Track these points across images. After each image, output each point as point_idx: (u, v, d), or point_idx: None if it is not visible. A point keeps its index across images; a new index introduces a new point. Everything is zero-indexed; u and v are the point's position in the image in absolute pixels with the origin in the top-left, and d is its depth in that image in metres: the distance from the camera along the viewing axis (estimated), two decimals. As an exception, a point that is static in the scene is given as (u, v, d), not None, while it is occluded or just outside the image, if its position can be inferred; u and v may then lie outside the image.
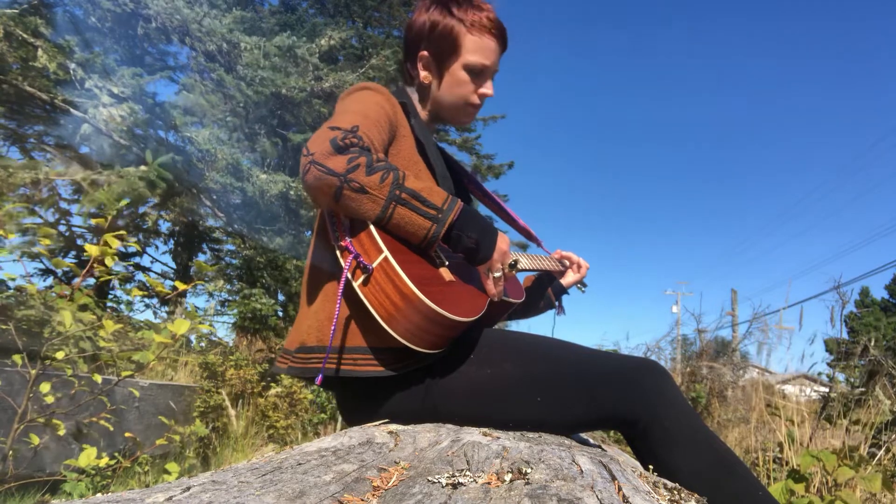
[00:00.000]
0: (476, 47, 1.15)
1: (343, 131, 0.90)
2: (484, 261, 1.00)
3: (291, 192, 7.71)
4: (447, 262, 1.03)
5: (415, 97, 1.23)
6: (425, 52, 1.17)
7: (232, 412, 5.19)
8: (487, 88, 1.20)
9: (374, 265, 0.90)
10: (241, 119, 8.03)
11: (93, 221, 2.08)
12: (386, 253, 0.89)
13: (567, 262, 1.47)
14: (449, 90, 1.18)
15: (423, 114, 1.23)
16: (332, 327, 0.93)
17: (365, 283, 0.91)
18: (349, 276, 0.91)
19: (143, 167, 5.92)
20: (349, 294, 0.95)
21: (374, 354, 0.95)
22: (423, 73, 1.19)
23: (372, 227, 0.92)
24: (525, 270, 1.34)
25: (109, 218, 2.02)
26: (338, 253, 0.94)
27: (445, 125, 1.29)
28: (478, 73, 1.17)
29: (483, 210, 1.50)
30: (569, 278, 1.46)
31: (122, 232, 2.00)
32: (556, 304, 1.46)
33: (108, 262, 1.96)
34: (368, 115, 1.00)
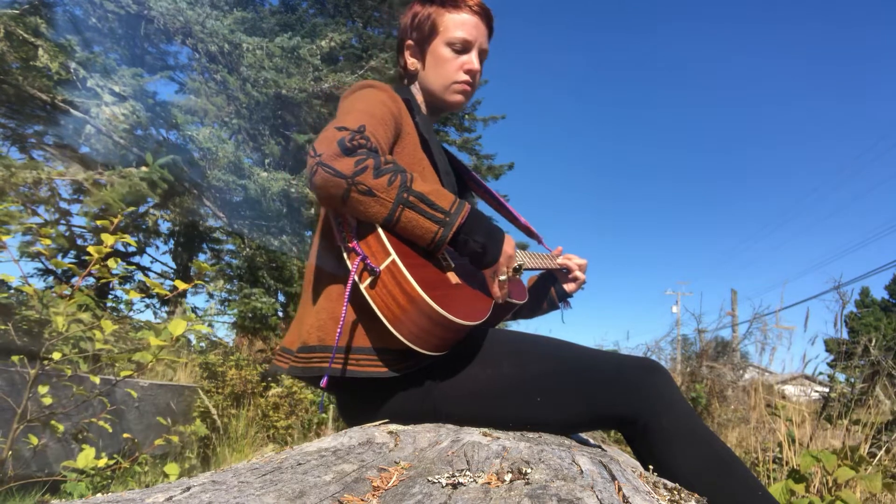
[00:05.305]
0: (453, 23, 1.17)
1: (350, 132, 0.90)
2: (490, 264, 0.99)
3: (292, 190, 7.70)
4: (454, 265, 1.03)
5: (419, 96, 1.23)
6: (410, 41, 1.22)
7: (217, 420, 5.02)
8: (470, 63, 1.19)
9: (382, 267, 0.89)
10: (245, 119, 8.03)
11: (98, 223, 2.07)
12: (394, 255, 0.89)
13: (567, 269, 1.43)
14: (434, 70, 1.19)
15: (423, 108, 1.23)
16: (339, 329, 0.92)
17: (372, 285, 0.90)
18: (356, 278, 0.91)
19: (144, 168, 5.91)
20: (354, 295, 0.94)
21: (377, 355, 0.95)
22: (410, 61, 1.22)
23: (380, 230, 0.91)
24: (530, 270, 1.34)
25: (116, 222, 2.01)
26: (344, 254, 0.94)
27: (444, 114, 1.29)
28: (460, 49, 1.18)
29: (483, 208, 1.50)
30: (571, 285, 1.44)
31: (125, 237, 1.99)
32: (561, 305, 1.45)
33: (112, 263, 1.96)
34: (374, 114, 0.99)
